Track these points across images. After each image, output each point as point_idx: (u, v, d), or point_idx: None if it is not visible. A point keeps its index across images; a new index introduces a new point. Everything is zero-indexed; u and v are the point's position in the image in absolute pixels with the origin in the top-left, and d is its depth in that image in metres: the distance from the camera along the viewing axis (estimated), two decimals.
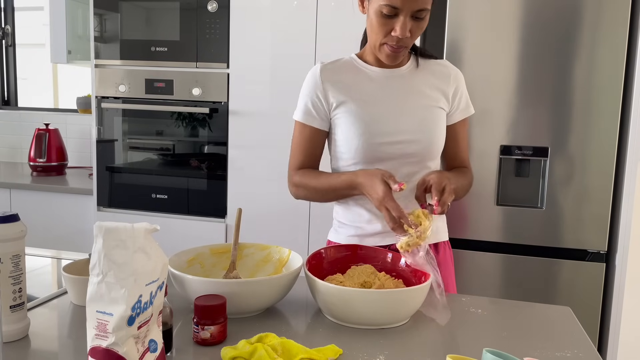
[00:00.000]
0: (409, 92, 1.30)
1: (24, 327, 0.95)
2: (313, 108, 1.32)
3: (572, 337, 1.03)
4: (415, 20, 1.19)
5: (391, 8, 1.16)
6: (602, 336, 1.96)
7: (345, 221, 1.38)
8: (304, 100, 1.34)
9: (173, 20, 2.31)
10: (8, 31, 3.34)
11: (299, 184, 1.34)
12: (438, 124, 1.31)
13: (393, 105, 1.29)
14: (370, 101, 1.29)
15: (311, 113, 1.33)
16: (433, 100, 1.31)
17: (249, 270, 1.24)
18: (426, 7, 1.18)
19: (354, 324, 1.03)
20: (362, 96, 1.29)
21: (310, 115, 1.33)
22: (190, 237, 2.36)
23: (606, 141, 1.86)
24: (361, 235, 1.34)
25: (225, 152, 2.32)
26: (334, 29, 2.13)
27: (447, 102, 1.33)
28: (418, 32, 1.21)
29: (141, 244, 0.76)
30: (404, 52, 1.25)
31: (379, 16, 1.19)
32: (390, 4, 1.15)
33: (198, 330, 0.93)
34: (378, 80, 1.31)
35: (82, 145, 3.18)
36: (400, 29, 1.18)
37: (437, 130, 1.31)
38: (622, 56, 1.82)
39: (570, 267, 1.92)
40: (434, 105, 1.31)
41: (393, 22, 1.19)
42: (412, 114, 1.29)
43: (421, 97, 1.30)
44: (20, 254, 0.92)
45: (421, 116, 1.29)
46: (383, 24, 1.19)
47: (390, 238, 1.31)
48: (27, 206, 2.62)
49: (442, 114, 1.33)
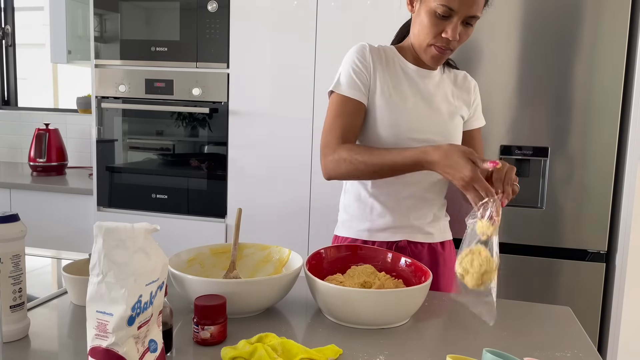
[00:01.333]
0: (437, 95, 1.33)
1: (24, 327, 0.94)
2: (359, 79, 1.27)
3: (572, 337, 1.03)
4: (465, 25, 1.20)
5: (447, 9, 1.17)
6: (602, 336, 1.96)
7: (356, 214, 1.37)
8: (348, 72, 1.29)
9: (173, 20, 2.31)
10: (8, 31, 3.34)
11: (345, 159, 1.22)
12: (458, 131, 1.35)
13: (423, 104, 1.31)
14: (405, 95, 1.30)
15: (356, 85, 1.27)
16: (456, 108, 1.35)
17: (249, 270, 1.24)
18: (478, 15, 1.20)
19: (354, 324, 1.03)
20: (396, 88, 1.30)
21: (355, 88, 1.27)
22: (190, 237, 2.36)
23: (606, 141, 1.86)
24: (372, 230, 1.35)
25: (225, 152, 2.32)
26: (334, 29, 2.13)
27: (468, 112, 1.37)
28: (465, 38, 1.23)
29: (141, 244, 0.76)
30: (448, 55, 1.27)
31: (433, 16, 1.19)
32: (447, 5, 1.16)
33: (198, 330, 0.93)
34: (412, 78, 1.33)
35: (82, 145, 3.18)
36: (452, 32, 1.18)
37: (457, 136, 1.34)
38: (622, 56, 1.82)
39: (570, 267, 1.92)
40: (457, 113, 1.35)
41: (445, 24, 1.19)
42: (438, 116, 1.31)
43: (447, 102, 1.33)
44: (20, 254, 0.92)
45: (446, 120, 1.32)
46: (435, 24, 1.20)
47: (401, 234, 1.34)
48: (27, 206, 2.61)
49: (461, 122, 1.37)
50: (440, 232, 1.39)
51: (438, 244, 1.38)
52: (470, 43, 1.92)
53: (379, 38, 1.46)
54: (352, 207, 1.39)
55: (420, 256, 1.34)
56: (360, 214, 1.37)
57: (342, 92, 1.28)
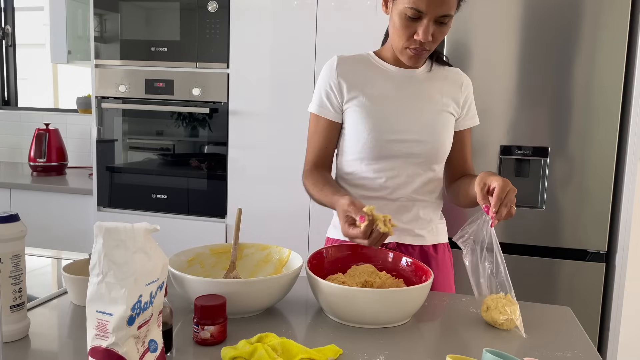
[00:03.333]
0: (421, 93, 1.32)
1: (24, 327, 0.94)
2: (327, 99, 1.32)
3: (572, 337, 1.03)
4: (438, 25, 1.20)
5: (416, 11, 1.16)
6: (602, 336, 1.96)
7: None
8: (319, 91, 1.34)
9: (173, 20, 2.31)
10: (8, 31, 3.34)
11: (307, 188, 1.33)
12: (446, 128, 1.33)
13: (404, 104, 1.30)
14: (382, 98, 1.29)
15: (325, 105, 1.33)
16: (444, 105, 1.33)
17: (249, 270, 1.24)
18: (450, 13, 1.19)
19: (356, 323, 1.03)
20: (375, 92, 1.30)
21: (324, 107, 1.33)
22: (190, 237, 2.36)
23: (606, 141, 1.86)
24: None
25: (225, 152, 2.32)
26: (334, 29, 2.13)
27: (458, 109, 1.35)
28: (440, 37, 1.22)
29: (141, 244, 0.76)
30: (426, 55, 1.26)
31: (403, 19, 1.19)
32: (415, 7, 1.16)
33: (198, 330, 0.93)
34: (392, 79, 1.32)
35: (82, 145, 3.18)
36: (423, 33, 1.18)
37: (445, 134, 1.32)
38: (622, 56, 1.82)
39: (570, 267, 1.92)
40: (444, 110, 1.33)
41: (416, 26, 1.19)
42: (422, 115, 1.30)
43: (432, 100, 1.32)
44: (20, 254, 0.92)
45: (430, 118, 1.31)
46: (406, 26, 1.20)
47: (390, 237, 1.32)
48: (27, 206, 2.61)
49: (451, 119, 1.34)
50: (432, 235, 1.37)
51: (430, 247, 1.36)
52: (470, 43, 1.92)
53: (378, 38, 1.46)
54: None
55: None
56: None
57: (314, 111, 1.34)
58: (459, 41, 1.93)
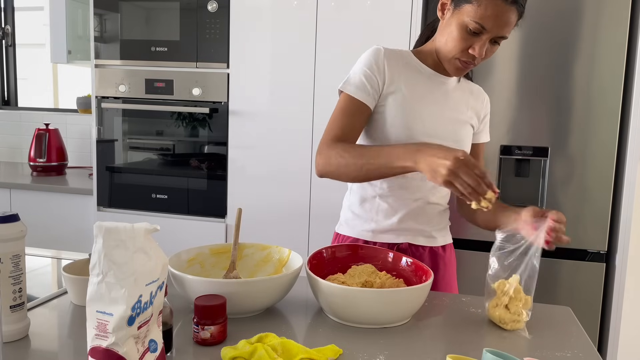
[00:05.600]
0: (450, 101, 1.33)
1: (24, 327, 0.94)
2: (368, 82, 1.27)
3: (572, 337, 1.03)
4: (492, 43, 1.21)
5: (479, 27, 1.16)
6: (602, 336, 1.96)
7: (361, 214, 1.37)
8: (359, 73, 1.28)
9: (173, 20, 2.31)
10: (8, 31, 3.34)
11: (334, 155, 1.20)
12: (468, 139, 1.35)
13: (437, 109, 1.31)
14: (420, 98, 1.30)
15: (365, 88, 1.27)
16: (468, 117, 1.35)
17: (249, 270, 1.24)
18: (507, 36, 1.20)
19: (356, 323, 1.03)
20: (412, 91, 1.29)
21: (363, 90, 1.27)
22: (190, 237, 2.36)
23: (606, 141, 1.86)
24: (375, 231, 1.35)
25: (225, 152, 2.32)
26: (334, 29, 2.13)
27: (478, 123, 1.38)
28: (490, 55, 1.24)
29: (141, 244, 0.76)
30: (471, 68, 1.28)
31: (463, 31, 1.19)
32: (480, 23, 1.16)
33: (198, 330, 0.93)
34: (427, 82, 1.32)
35: (82, 145, 3.18)
36: (479, 49, 1.19)
37: (466, 144, 1.35)
38: (622, 56, 1.82)
39: (570, 267, 1.92)
40: (468, 122, 1.35)
41: (474, 40, 1.19)
42: (450, 122, 1.32)
43: (459, 110, 1.33)
44: (20, 254, 0.92)
45: (457, 127, 1.32)
46: (464, 39, 1.19)
47: (404, 237, 1.34)
48: (27, 206, 2.61)
49: (472, 132, 1.37)
50: (442, 236, 1.40)
51: (439, 247, 1.39)
52: None
53: (378, 38, 1.46)
54: (357, 207, 1.38)
55: (421, 259, 1.34)
56: (366, 215, 1.36)
57: (349, 92, 1.28)
58: None
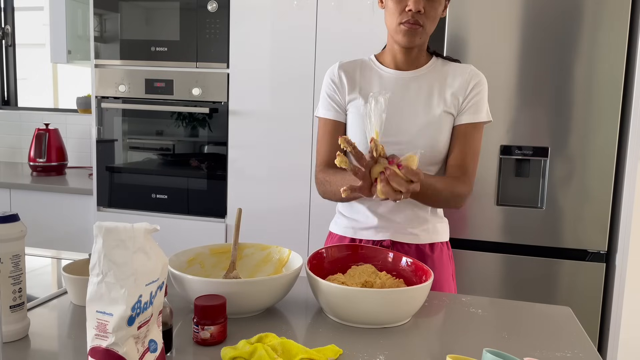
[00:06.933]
0: (417, 95, 1.33)
1: (24, 327, 0.94)
2: (331, 101, 1.38)
3: (572, 337, 1.03)
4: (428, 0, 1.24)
5: None
6: (602, 336, 1.96)
7: (345, 213, 1.44)
8: (323, 95, 1.40)
9: (173, 20, 2.31)
10: (8, 31, 3.34)
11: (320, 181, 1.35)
12: (442, 130, 1.32)
13: (399, 108, 1.31)
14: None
15: (330, 106, 1.38)
16: (442, 105, 1.32)
17: (249, 270, 1.24)
18: None
19: (356, 323, 1.03)
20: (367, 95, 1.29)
21: (330, 109, 1.38)
22: (190, 237, 2.36)
23: (606, 141, 1.86)
24: (355, 228, 1.40)
25: (225, 152, 2.32)
26: (334, 29, 2.13)
27: (459, 103, 1.33)
28: (432, 12, 1.26)
29: (141, 244, 0.76)
30: (421, 32, 1.27)
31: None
32: None
33: (198, 330, 0.93)
34: (388, 81, 1.35)
35: (82, 145, 3.18)
36: (414, 3, 1.22)
37: (440, 135, 1.32)
38: (622, 56, 1.82)
39: (570, 267, 1.92)
40: (442, 110, 1.32)
41: (406, 0, 1.24)
42: (416, 117, 1.31)
43: (429, 102, 1.32)
44: (20, 254, 0.92)
45: (425, 120, 1.31)
46: (398, 2, 1.25)
47: (383, 234, 1.36)
48: (27, 206, 2.61)
49: (448, 118, 1.33)
50: (427, 234, 1.37)
51: (426, 246, 1.37)
52: (470, 43, 1.92)
53: (378, 38, 1.46)
54: (341, 206, 1.45)
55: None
56: (347, 212, 1.42)
57: (321, 115, 1.40)
58: (459, 41, 1.93)
